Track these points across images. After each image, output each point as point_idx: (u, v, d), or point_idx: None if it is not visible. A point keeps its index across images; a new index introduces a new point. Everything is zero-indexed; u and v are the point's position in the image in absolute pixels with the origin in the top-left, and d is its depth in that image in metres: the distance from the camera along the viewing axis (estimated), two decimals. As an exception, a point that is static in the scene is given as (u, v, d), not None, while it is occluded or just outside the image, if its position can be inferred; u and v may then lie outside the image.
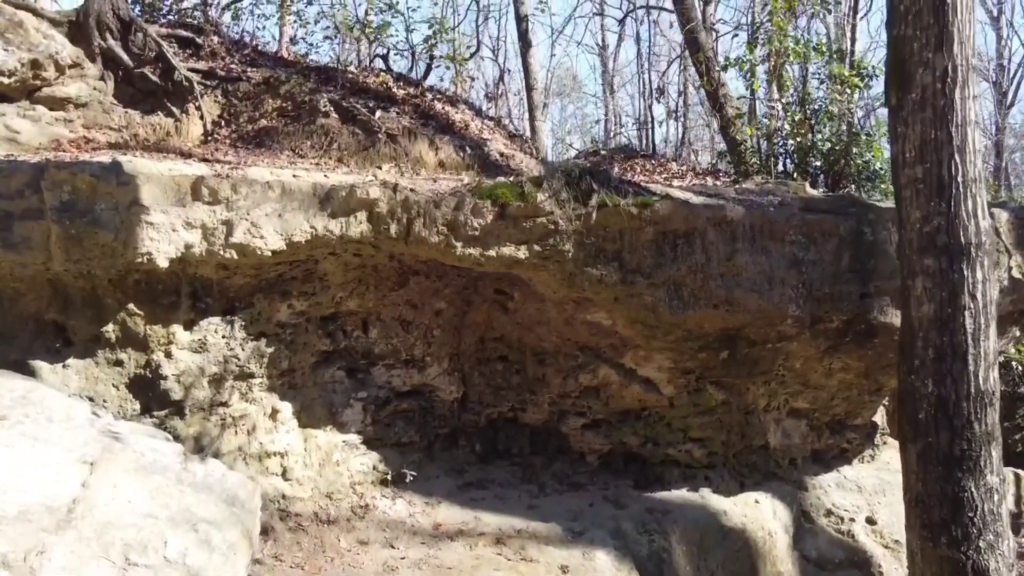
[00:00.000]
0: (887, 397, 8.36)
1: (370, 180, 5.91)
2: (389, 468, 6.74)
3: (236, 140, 7.55)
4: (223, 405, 5.93)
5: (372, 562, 5.77)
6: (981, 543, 5.00)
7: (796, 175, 9.84)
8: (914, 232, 5.35)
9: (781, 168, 10.24)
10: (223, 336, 5.89)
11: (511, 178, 6.57)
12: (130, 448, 4.54)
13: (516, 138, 10.22)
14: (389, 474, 6.71)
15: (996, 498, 5.05)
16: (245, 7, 10.11)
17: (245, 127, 7.74)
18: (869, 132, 10.13)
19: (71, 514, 3.80)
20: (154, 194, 5.15)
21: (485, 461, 7.44)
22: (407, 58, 10.58)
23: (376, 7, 10.49)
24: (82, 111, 7.16)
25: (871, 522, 7.85)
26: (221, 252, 5.41)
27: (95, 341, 5.55)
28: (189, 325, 5.78)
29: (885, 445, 8.79)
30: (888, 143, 6.43)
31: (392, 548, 5.98)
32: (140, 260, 5.15)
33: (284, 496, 6.10)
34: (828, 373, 7.59)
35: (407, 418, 7.04)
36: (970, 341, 5.12)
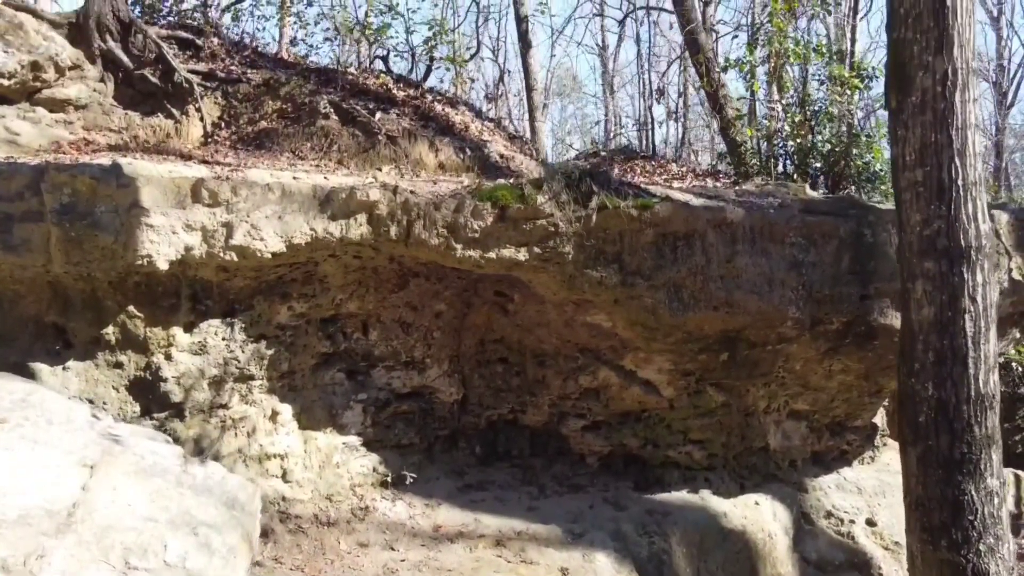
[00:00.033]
0: (887, 399, 8.35)
1: (370, 182, 5.91)
2: (389, 470, 6.73)
3: (236, 142, 7.55)
4: (223, 407, 5.93)
5: (372, 564, 5.77)
6: (981, 546, 5.00)
7: (796, 176, 9.83)
8: (914, 235, 5.35)
9: (781, 169, 10.22)
10: (223, 338, 5.90)
11: (511, 180, 6.56)
12: (130, 451, 4.54)
13: (516, 139, 10.21)
14: (389, 476, 6.70)
15: (996, 501, 5.05)
16: (245, 8, 10.10)
17: (245, 129, 7.74)
18: (869, 133, 10.10)
19: (71, 517, 3.80)
20: (154, 196, 5.15)
21: (485, 463, 7.44)
22: (407, 60, 10.60)
23: (376, 9, 10.50)
24: (82, 113, 7.16)
25: (871, 524, 7.84)
26: (221, 254, 5.41)
27: (95, 343, 5.55)
28: (189, 327, 5.78)
29: (885, 447, 8.78)
30: (888, 144, 6.43)
31: (392, 550, 5.97)
32: (140, 262, 5.15)
33: (284, 498, 6.10)
34: (828, 375, 7.58)
35: (407, 420, 7.03)
36: (970, 344, 5.12)
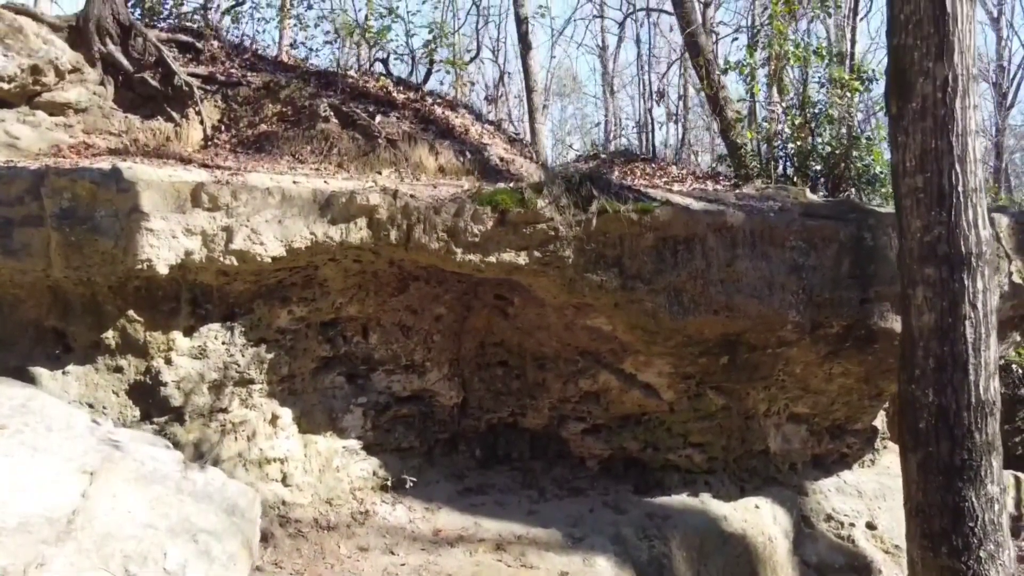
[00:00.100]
0: (887, 402, 8.35)
1: (370, 186, 5.90)
2: (389, 474, 6.73)
3: (236, 145, 7.55)
4: (223, 411, 5.93)
5: (372, 568, 5.77)
6: (982, 553, 5.00)
7: (796, 179, 9.82)
8: (915, 241, 5.34)
9: (781, 172, 10.21)
10: (223, 342, 5.89)
11: (511, 184, 6.57)
12: (130, 457, 4.53)
13: (516, 142, 10.20)
14: (389, 480, 6.70)
15: (997, 508, 5.04)
16: (245, 11, 10.08)
17: (245, 132, 7.73)
18: (869, 136, 10.10)
19: (71, 525, 3.79)
20: (154, 201, 5.15)
21: (485, 466, 7.44)
22: (407, 62, 10.58)
23: (376, 12, 10.48)
24: (82, 116, 7.16)
25: (871, 527, 7.83)
26: (221, 258, 5.41)
27: (95, 347, 5.55)
28: (189, 331, 5.78)
29: (885, 449, 8.78)
30: (888, 147, 6.43)
31: (392, 554, 5.97)
32: (140, 267, 5.15)
33: (284, 502, 6.10)
34: (828, 378, 7.58)
35: (407, 423, 7.03)
36: (971, 351, 5.11)
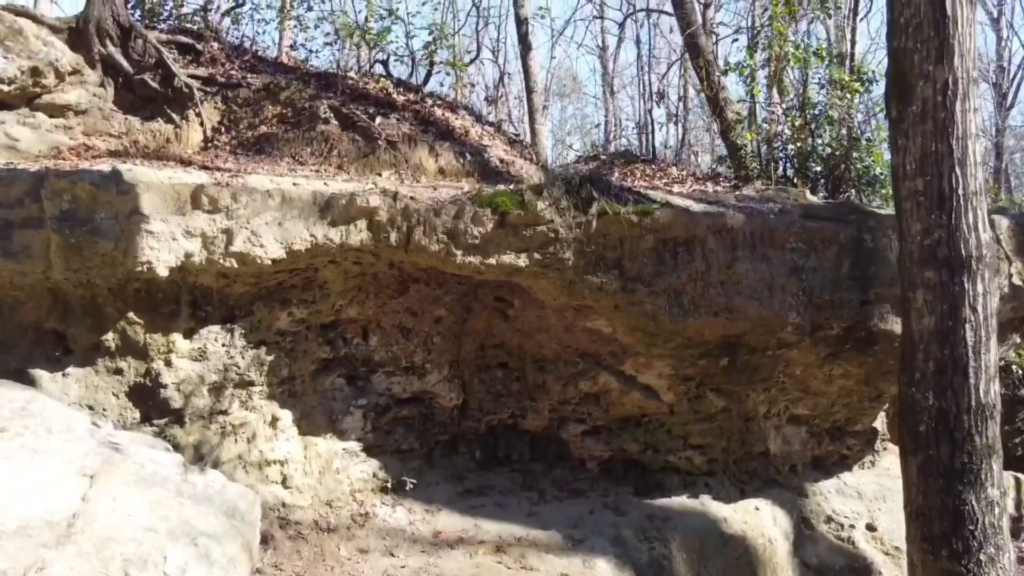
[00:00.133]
0: (887, 403, 8.35)
1: (370, 188, 5.91)
2: (389, 475, 6.73)
3: (236, 147, 7.54)
4: (223, 413, 5.93)
5: (372, 570, 5.77)
6: (982, 556, 5.00)
7: (796, 180, 9.83)
8: (915, 244, 5.34)
9: (781, 173, 10.22)
10: (223, 344, 5.89)
11: (511, 186, 6.57)
12: (130, 459, 4.53)
13: (516, 143, 10.20)
14: (389, 481, 6.70)
15: (997, 511, 5.04)
16: (245, 12, 10.07)
17: (245, 133, 7.73)
18: (869, 137, 10.10)
19: (71, 528, 3.79)
20: (154, 203, 5.15)
21: (485, 468, 7.44)
22: (407, 64, 10.56)
23: (376, 14, 10.47)
24: (82, 118, 7.16)
25: (871, 529, 7.83)
26: (221, 261, 5.41)
27: (95, 350, 5.55)
28: (189, 333, 5.78)
29: (885, 451, 8.78)
30: (888, 148, 6.43)
31: (392, 556, 5.97)
32: (140, 269, 5.15)
33: (284, 504, 6.10)
34: (828, 380, 7.58)
35: (407, 425, 7.03)
36: (971, 354, 5.11)
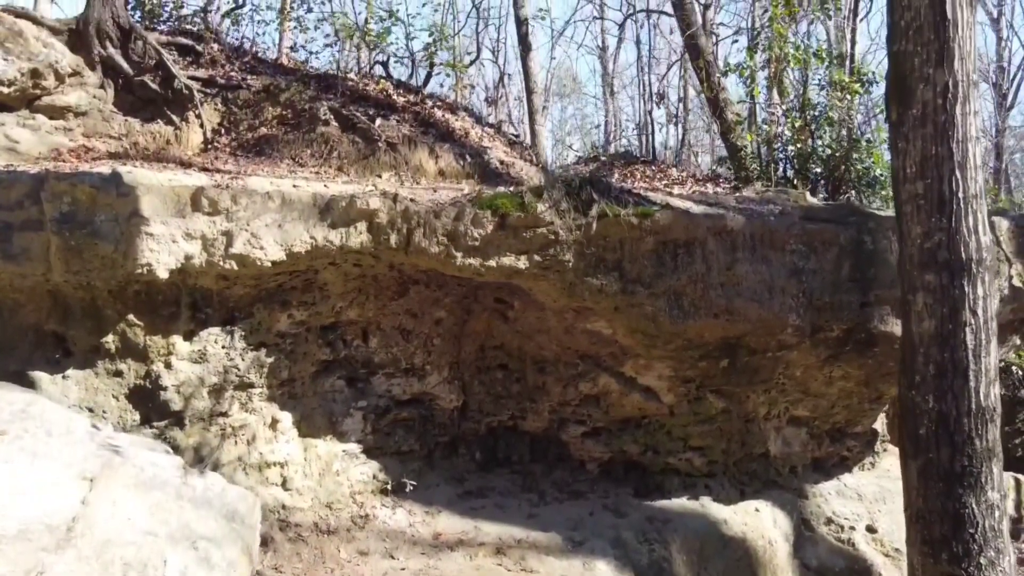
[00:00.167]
0: (887, 405, 8.35)
1: (370, 190, 5.90)
2: (389, 477, 6.73)
3: (236, 148, 7.54)
4: (223, 415, 5.93)
5: (372, 573, 5.76)
6: (982, 560, 4.99)
7: (796, 181, 9.83)
8: (915, 248, 5.33)
9: (781, 174, 10.22)
10: (223, 346, 5.89)
11: (511, 188, 6.57)
12: (130, 462, 4.53)
13: (516, 145, 10.19)
14: (389, 483, 6.70)
15: (997, 514, 5.03)
16: (245, 13, 10.07)
17: (245, 135, 7.73)
18: (869, 138, 10.11)
19: (71, 532, 3.79)
20: (154, 205, 5.15)
21: (485, 469, 7.44)
22: (407, 65, 10.57)
23: (376, 16, 10.47)
24: (82, 120, 7.15)
25: (871, 530, 7.83)
26: (221, 263, 5.41)
27: (95, 352, 5.55)
28: (189, 335, 5.77)
29: (885, 452, 8.78)
30: (888, 149, 6.42)
31: (392, 558, 5.97)
32: (140, 271, 5.15)
33: (284, 506, 6.09)
34: (828, 381, 7.58)
35: (407, 427, 7.03)
36: (971, 357, 5.10)
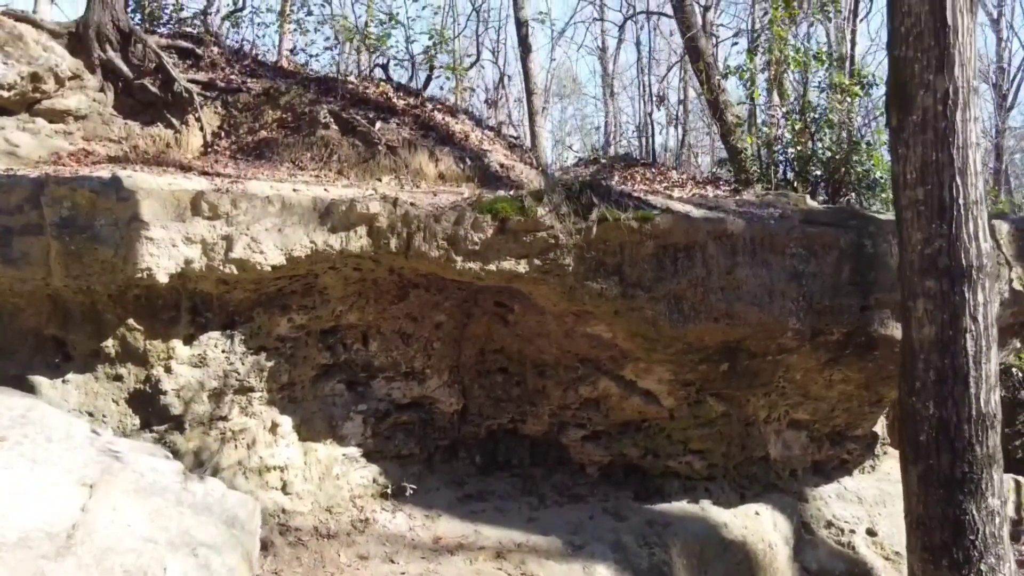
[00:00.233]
0: (887, 408, 8.35)
1: (370, 194, 5.90)
2: (389, 481, 6.73)
3: (236, 152, 7.54)
4: (223, 419, 5.93)
5: (372, 577, 5.77)
6: (982, 566, 4.99)
7: (796, 183, 9.84)
8: (915, 254, 5.33)
9: (781, 176, 10.22)
10: (223, 350, 5.89)
11: (511, 192, 6.56)
12: (130, 468, 4.52)
13: (516, 148, 10.18)
14: (389, 487, 6.70)
15: (998, 521, 5.03)
16: (245, 16, 10.06)
17: (245, 138, 7.72)
18: (869, 141, 10.10)
19: (70, 540, 3.78)
20: (154, 209, 5.15)
21: (485, 473, 7.43)
22: (407, 68, 10.56)
23: (376, 19, 10.47)
24: (82, 123, 7.14)
25: (871, 533, 7.83)
26: (221, 267, 5.41)
27: (95, 356, 5.55)
28: (189, 340, 5.78)
29: (885, 455, 8.78)
30: (888, 152, 6.42)
31: (392, 563, 5.97)
32: (140, 275, 5.15)
33: (284, 510, 6.10)
34: (828, 385, 7.58)
35: (407, 430, 7.03)
36: (971, 364, 5.10)
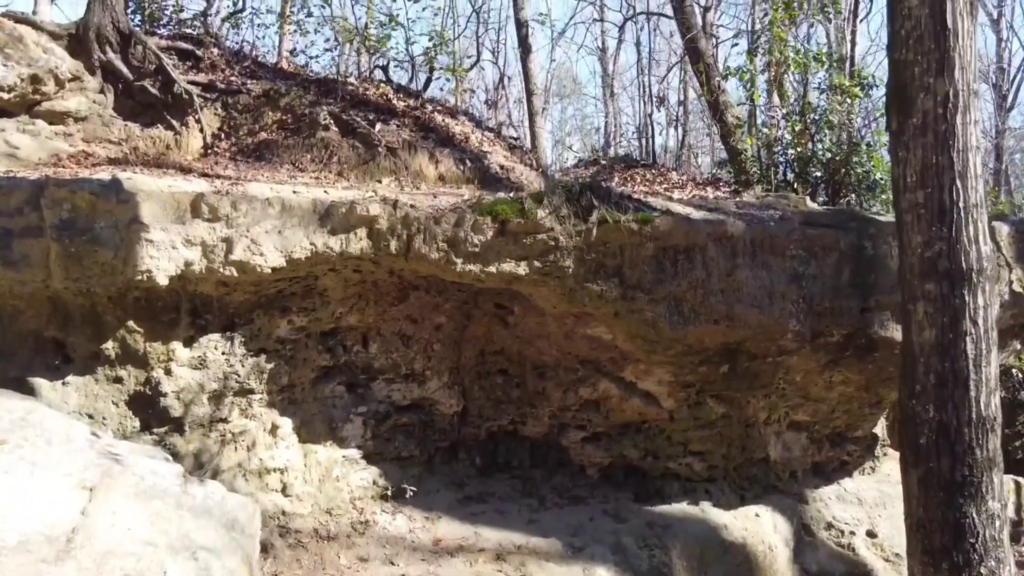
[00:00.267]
0: (887, 410, 8.35)
1: (370, 196, 5.90)
2: (389, 483, 6.72)
3: (236, 153, 7.53)
4: (223, 421, 5.93)
5: (372, 579, 5.77)
6: (983, 570, 4.98)
7: (797, 184, 9.84)
8: (915, 257, 5.33)
9: (781, 177, 10.21)
10: (223, 352, 5.89)
11: (511, 193, 6.56)
12: (130, 471, 4.51)
13: (516, 149, 10.18)
14: (389, 489, 6.69)
15: (998, 524, 5.03)
16: (245, 17, 10.06)
17: (245, 140, 7.72)
18: (869, 142, 10.11)
19: (70, 544, 3.78)
20: (154, 211, 5.15)
21: (485, 474, 7.42)
22: (407, 70, 10.57)
23: (376, 19, 10.47)
24: (82, 125, 7.14)
25: (872, 535, 7.82)
26: (221, 269, 5.41)
27: (95, 358, 5.55)
28: (189, 342, 5.78)
29: (886, 457, 8.77)
30: (888, 153, 6.42)
31: (392, 565, 5.96)
32: (140, 278, 5.15)
33: (284, 512, 6.09)
34: (828, 386, 7.58)
35: (407, 432, 7.02)
36: (971, 367, 5.09)
